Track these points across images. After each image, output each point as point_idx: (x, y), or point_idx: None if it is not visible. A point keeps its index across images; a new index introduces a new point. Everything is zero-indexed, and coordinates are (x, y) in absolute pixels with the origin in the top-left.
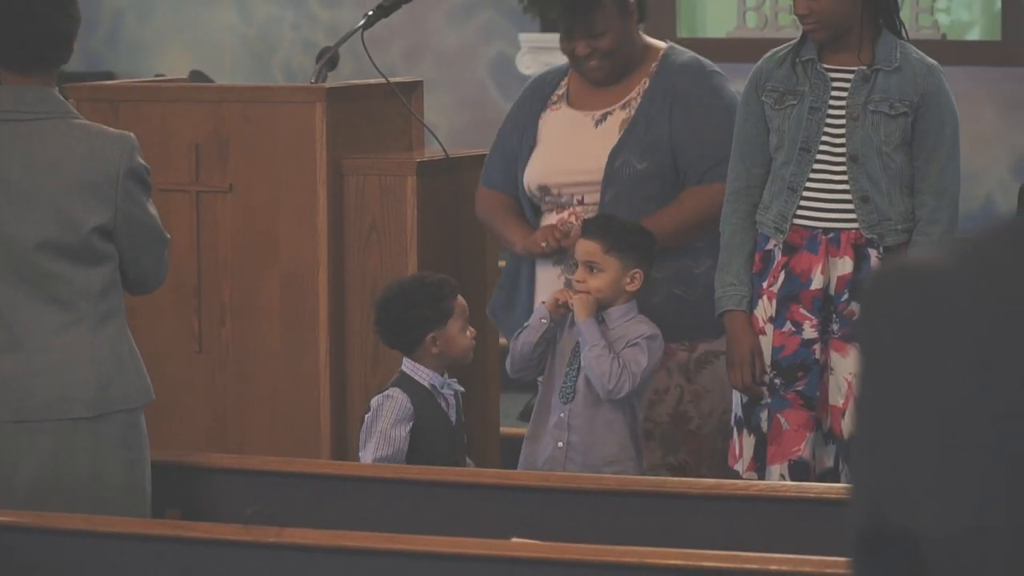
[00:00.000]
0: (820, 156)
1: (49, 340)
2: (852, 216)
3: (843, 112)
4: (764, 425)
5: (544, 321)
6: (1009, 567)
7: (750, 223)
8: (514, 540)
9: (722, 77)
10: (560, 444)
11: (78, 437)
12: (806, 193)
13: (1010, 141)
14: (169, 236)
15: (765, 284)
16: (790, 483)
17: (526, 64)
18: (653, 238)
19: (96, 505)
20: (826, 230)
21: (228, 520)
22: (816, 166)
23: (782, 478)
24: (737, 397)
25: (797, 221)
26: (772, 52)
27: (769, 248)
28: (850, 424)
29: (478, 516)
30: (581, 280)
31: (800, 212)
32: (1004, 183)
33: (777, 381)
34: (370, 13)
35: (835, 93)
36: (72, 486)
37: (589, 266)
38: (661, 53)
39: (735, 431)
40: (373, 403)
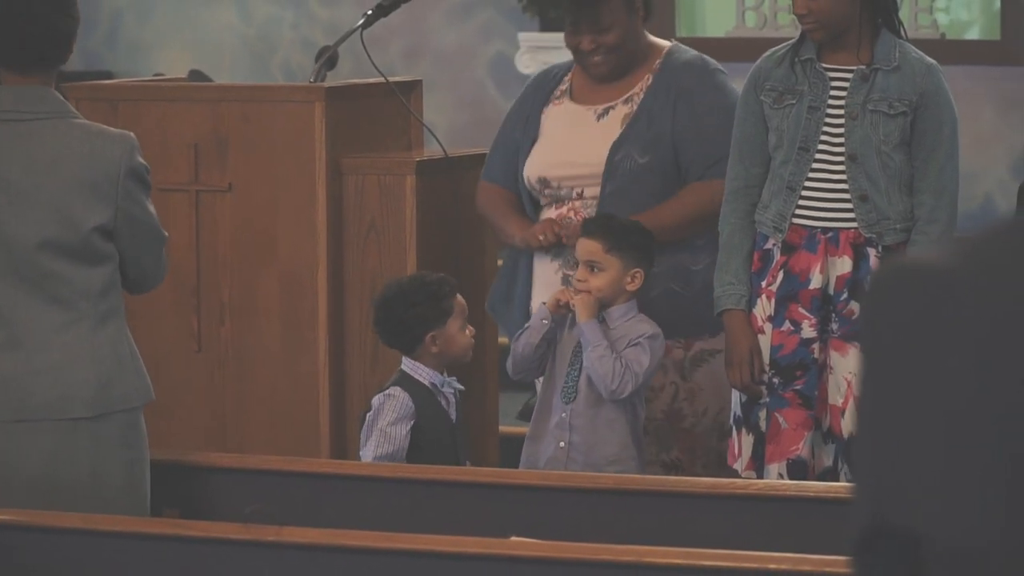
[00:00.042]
0: (819, 155)
1: (49, 340)
2: (851, 215)
3: (842, 111)
4: (762, 424)
5: (545, 322)
6: (1009, 566)
7: (749, 222)
8: (513, 539)
9: (725, 75)
10: (562, 444)
11: (78, 437)
12: (805, 192)
13: (1009, 140)
14: (167, 234)
15: (764, 283)
16: (789, 482)
17: (525, 63)
18: (653, 238)
19: (96, 505)
20: (825, 229)
21: (227, 519)
22: (815, 165)
23: (780, 477)
24: (736, 396)
25: (796, 220)
26: (771, 51)
27: (768, 247)
28: (850, 423)
29: (477, 515)
30: (582, 279)
31: (799, 211)
32: (1003, 182)
33: (776, 380)
34: (369, 12)
35: (834, 92)
36: (72, 486)
37: (590, 265)
38: (665, 51)
39: (734, 430)
40: (375, 402)
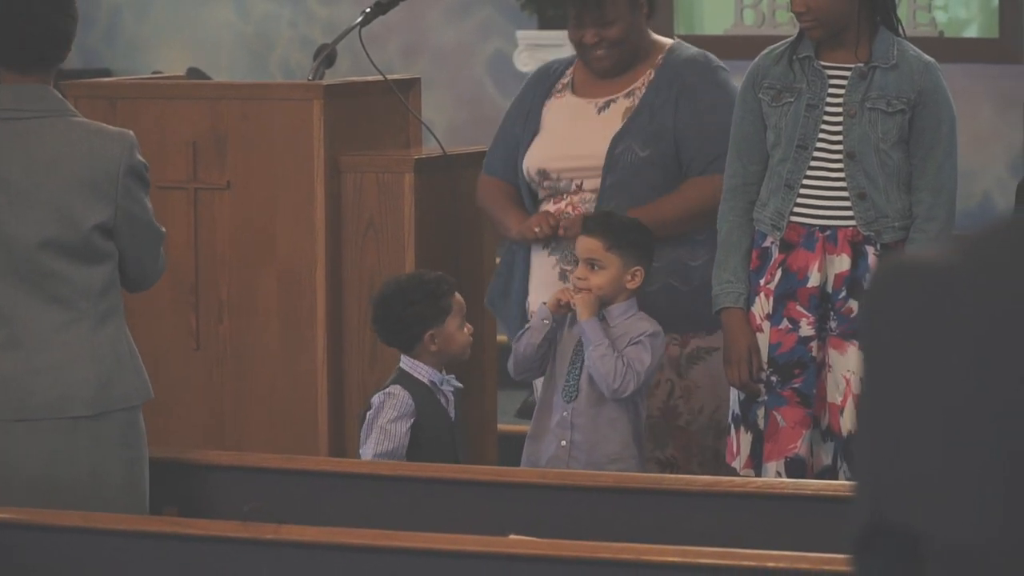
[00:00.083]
0: (817, 153)
1: (49, 339)
2: (849, 213)
3: (840, 109)
4: (761, 422)
5: (546, 322)
6: (1007, 564)
7: (747, 220)
8: (512, 537)
9: (728, 73)
10: (563, 443)
11: (78, 436)
12: (803, 190)
13: (1007, 138)
14: (165, 231)
15: (762, 281)
16: (788, 480)
17: (523, 61)
18: (652, 236)
19: (95, 503)
20: (823, 227)
21: (226, 517)
22: (813, 163)
23: (778, 475)
24: (735, 394)
25: (794, 218)
26: (769, 49)
27: (766, 245)
28: (849, 421)
29: (476, 513)
30: (582, 277)
31: (797, 209)
32: (1002, 180)
33: (774, 378)
34: (368, 10)
35: (832, 90)
36: (72, 485)
37: (590, 263)
38: (667, 47)
39: (732, 428)
40: (375, 400)
